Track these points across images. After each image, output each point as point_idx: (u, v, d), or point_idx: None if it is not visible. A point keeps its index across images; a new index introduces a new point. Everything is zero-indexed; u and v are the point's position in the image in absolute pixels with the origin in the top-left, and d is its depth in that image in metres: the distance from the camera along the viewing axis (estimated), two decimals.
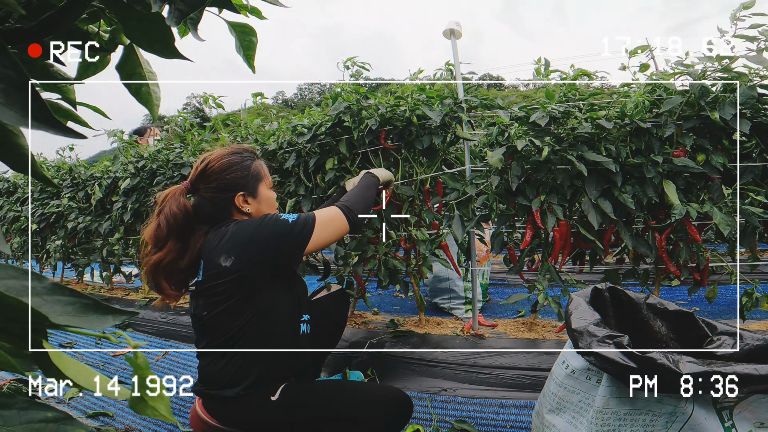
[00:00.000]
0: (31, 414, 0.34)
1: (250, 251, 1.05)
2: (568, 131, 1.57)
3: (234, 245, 1.05)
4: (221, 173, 1.14)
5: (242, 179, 1.15)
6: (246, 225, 1.08)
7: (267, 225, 1.07)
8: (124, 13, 0.53)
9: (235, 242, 1.05)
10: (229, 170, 1.15)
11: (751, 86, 1.39)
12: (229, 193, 1.14)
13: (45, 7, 0.49)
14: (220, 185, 1.14)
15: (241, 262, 1.03)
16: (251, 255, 1.04)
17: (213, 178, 1.14)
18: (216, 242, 1.07)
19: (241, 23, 0.71)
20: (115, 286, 3.57)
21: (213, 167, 1.14)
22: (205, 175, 1.15)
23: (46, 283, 0.35)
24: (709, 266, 1.59)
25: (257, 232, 1.06)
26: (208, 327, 1.08)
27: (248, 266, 1.04)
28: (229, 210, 1.15)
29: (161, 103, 0.70)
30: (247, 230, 1.06)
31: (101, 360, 2.04)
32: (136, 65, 0.66)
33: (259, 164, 1.21)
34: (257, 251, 1.05)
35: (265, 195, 1.20)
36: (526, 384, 1.44)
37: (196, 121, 2.79)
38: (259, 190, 1.18)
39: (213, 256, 1.06)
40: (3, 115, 0.33)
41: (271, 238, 1.05)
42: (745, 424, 0.76)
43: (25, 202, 3.74)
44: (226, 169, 1.15)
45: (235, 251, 1.04)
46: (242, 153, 1.19)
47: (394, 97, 1.87)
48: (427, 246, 1.79)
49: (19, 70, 0.35)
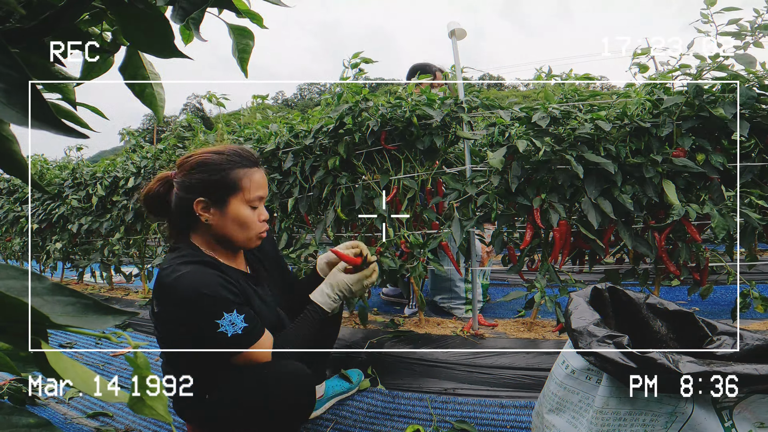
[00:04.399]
0: (14, 419, 0.34)
1: (171, 321, 0.97)
2: (569, 131, 1.57)
3: (158, 301, 0.97)
4: (191, 170, 1.01)
5: (209, 183, 1.00)
6: (173, 295, 0.93)
7: (194, 316, 0.92)
8: (122, 14, 0.53)
9: (160, 300, 0.96)
10: (199, 169, 1.01)
11: (749, 87, 1.39)
12: (189, 194, 1.00)
13: (45, 7, 0.49)
14: (185, 183, 1.01)
15: (166, 323, 0.98)
16: (173, 325, 0.97)
17: (183, 172, 1.02)
18: (159, 273, 0.98)
19: (241, 26, 0.71)
20: (115, 286, 3.57)
21: (189, 161, 1.03)
22: (181, 167, 1.04)
23: (47, 283, 0.35)
24: (708, 266, 1.60)
25: (178, 314, 0.94)
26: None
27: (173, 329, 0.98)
28: (187, 216, 1.02)
29: (165, 104, 0.70)
30: (173, 303, 0.94)
31: (101, 360, 2.04)
32: (139, 66, 0.66)
33: (246, 174, 1.02)
34: (177, 326, 0.97)
35: (236, 212, 1.01)
36: (526, 384, 1.44)
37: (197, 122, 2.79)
38: (230, 203, 1.01)
39: (154, 289, 0.98)
40: (4, 115, 0.33)
41: (192, 330, 0.94)
42: (745, 424, 0.76)
43: (25, 202, 3.74)
44: (197, 166, 1.01)
45: (160, 307, 0.97)
46: (229, 155, 1.02)
47: (394, 98, 1.87)
48: (421, 250, 1.77)
49: (20, 69, 0.35)
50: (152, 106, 0.69)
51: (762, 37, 1.35)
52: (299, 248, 2.07)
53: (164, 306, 0.96)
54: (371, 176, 1.95)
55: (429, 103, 1.77)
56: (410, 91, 1.85)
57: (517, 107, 1.70)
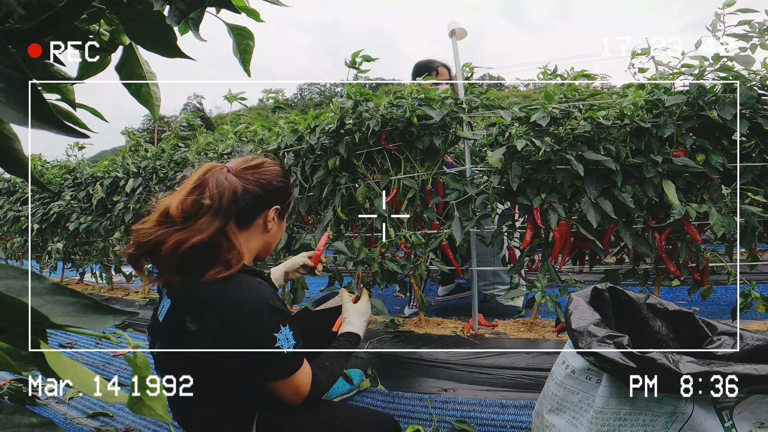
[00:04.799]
0: (17, 419, 0.34)
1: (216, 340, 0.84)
2: (569, 131, 1.57)
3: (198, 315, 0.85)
4: (274, 176, 1.04)
5: (285, 194, 1.06)
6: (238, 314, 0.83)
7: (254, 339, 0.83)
8: (125, 14, 0.53)
9: (208, 320, 0.85)
10: (280, 179, 1.05)
11: (749, 87, 1.39)
12: (269, 197, 1.01)
13: (45, 8, 0.49)
14: (267, 185, 1.01)
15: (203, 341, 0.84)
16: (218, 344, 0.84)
17: (265, 175, 1.02)
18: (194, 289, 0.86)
19: (240, 26, 0.71)
20: (115, 286, 3.57)
21: (268, 167, 1.05)
22: (257, 169, 1.03)
23: (47, 283, 0.35)
24: (708, 266, 1.60)
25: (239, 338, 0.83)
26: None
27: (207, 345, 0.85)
28: (254, 219, 1.00)
29: (161, 103, 0.70)
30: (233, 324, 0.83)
31: (101, 360, 2.04)
32: (136, 65, 0.66)
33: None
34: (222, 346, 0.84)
35: (282, 225, 1.08)
36: (526, 384, 1.44)
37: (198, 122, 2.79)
38: (284, 218, 1.08)
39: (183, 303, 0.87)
40: (4, 115, 0.33)
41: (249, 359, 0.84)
42: (745, 424, 0.76)
43: (25, 202, 3.74)
44: (278, 176, 1.05)
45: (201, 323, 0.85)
46: (288, 175, 1.10)
47: (394, 98, 1.87)
48: (423, 250, 1.77)
49: (20, 69, 0.35)
50: (148, 105, 0.69)
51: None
52: (299, 248, 2.07)
53: (212, 324, 0.84)
54: (371, 176, 1.95)
55: (427, 101, 1.77)
56: (410, 91, 1.85)
57: (517, 107, 1.70)
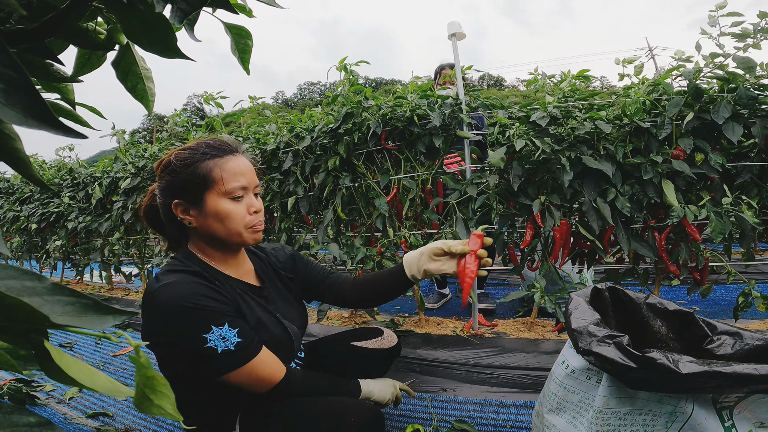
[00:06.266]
0: (15, 418, 0.34)
1: (154, 336, 0.84)
2: (569, 131, 1.57)
3: (142, 314, 0.86)
4: (162, 172, 0.92)
5: (179, 182, 0.89)
6: (155, 307, 0.83)
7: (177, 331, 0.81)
8: (124, 13, 0.53)
9: (143, 313, 0.86)
10: (167, 169, 0.91)
11: (746, 87, 1.39)
12: (167, 198, 0.92)
13: (45, 8, 0.49)
14: (161, 187, 0.93)
15: (150, 338, 0.84)
16: (161, 343, 0.86)
17: (159, 177, 0.93)
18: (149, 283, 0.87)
19: (237, 25, 0.71)
20: (115, 286, 3.57)
21: (161, 164, 0.94)
22: (157, 172, 0.94)
23: (46, 283, 0.35)
24: (708, 266, 1.60)
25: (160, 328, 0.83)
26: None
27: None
28: (174, 222, 0.94)
29: (155, 99, 0.71)
30: (155, 316, 0.83)
31: (101, 360, 2.04)
32: (132, 63, 0.66)
33: (216, 164, 0.90)
34: (164, 344, 0.85)
35: (214, 207, 0.89)
36: (526, 384, 1.44)
37: (195, 120, 2.79)
38: (206, 199, 0.89)
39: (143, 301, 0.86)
40: (4, 115, 0.33)
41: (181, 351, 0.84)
42: (745, 424, 0.76)
43: (25, 202, 3.75)
44: (166, 167, 0.92)
45: (144, 321, 0.86)
46: (196, 148, 0.91)
47: (394, 97, 1.87)
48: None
49: (19, 69, 0.35)
50: (143, 101, 0.69)
51: (763, 40, 1.35)
52: (298, 249, 2.07)
53: (147, 319, 0.85)
54: (371, 176, 1.95)
55: (424, 96, 1.77)
56: (411, 90, 1.85)
57: (517, 107, 1.70)
